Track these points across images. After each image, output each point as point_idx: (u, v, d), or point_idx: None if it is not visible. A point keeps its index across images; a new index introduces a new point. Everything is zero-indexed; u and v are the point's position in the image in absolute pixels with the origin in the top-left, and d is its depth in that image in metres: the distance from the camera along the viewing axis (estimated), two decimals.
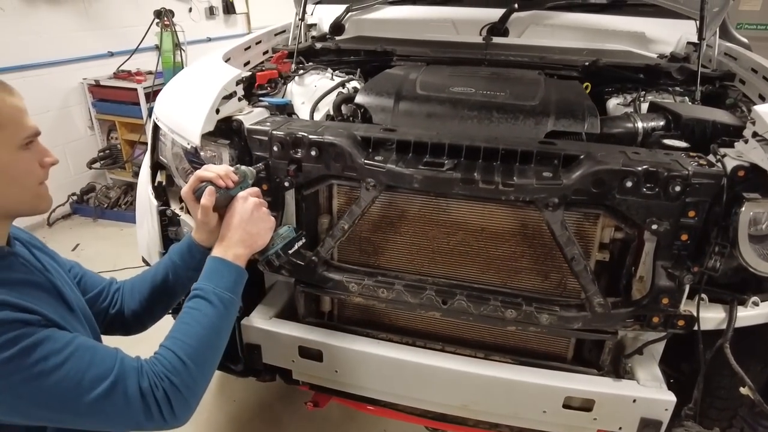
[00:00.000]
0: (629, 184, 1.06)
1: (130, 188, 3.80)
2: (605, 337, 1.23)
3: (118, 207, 3.69)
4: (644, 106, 1.52)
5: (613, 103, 1.60)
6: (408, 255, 1.33)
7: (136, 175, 3.73)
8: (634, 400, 1.19)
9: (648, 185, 1.06)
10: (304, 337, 1.31)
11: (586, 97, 1.49)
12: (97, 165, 3.81)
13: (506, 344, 1.38)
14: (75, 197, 3.75)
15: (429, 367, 1.23)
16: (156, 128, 1.42)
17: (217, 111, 1.24)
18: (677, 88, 1.58)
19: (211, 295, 0.93)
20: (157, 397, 0.81)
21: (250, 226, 1.03)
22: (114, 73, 3.70)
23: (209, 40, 4.59)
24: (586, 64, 1.74)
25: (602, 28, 1.98)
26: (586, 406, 1.22)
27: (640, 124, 1.33)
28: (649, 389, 1.21)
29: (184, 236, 1.41)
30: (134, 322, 1.15)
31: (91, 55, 3.70)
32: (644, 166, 1.05)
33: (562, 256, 1.21)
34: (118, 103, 3.65)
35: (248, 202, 1.04)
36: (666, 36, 1.99)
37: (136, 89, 3.50)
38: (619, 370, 1.30)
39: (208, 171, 1.05)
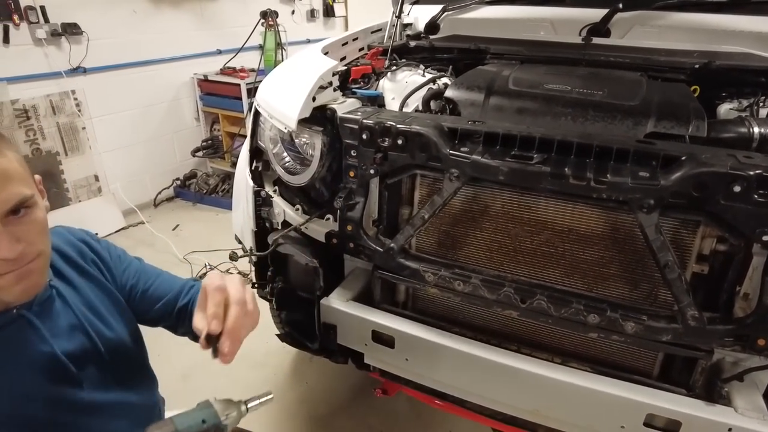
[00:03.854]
0: (737, 189, 0.97)
1: (228, 177, 4.08)
2: (698, 354, 1.13)
3: (215, 194, 3.98)
4: (762, 112, 1.39)
5: (725, 108, 1.47)
6: (487, 251, 1.31)
7: (234, 165, 4.00)
8: (730, 429, 1.08)
9: (761, 191, 0.96)
10: (377, 321, 1.34)
11: (692, 98, 1.39)
12: (200, 154, 4.14)
13: (586, 352, 1.31)
14: (178, 182, 4.10)
15: (503, 366, 1.20)
16: (257, 114, 1.52)
17: (314, 99, 1.30)
18: None
19: None
20: None
21: None
22: (221, 69, 4.00)
23: (308, 41, 4.80)
24: (696, 66, 1.62)
25: (719, 29, 1.83)
26: (670, 427, 1.13)
27: (756, 129, 1.21)
28: (749, 419, 1.09)
29: (274, 216, 1.51)
30: None
31: (202, 53, 4.03)
32: (757, 171, 0.96)
33: (654, 265, 1.14)
34: (222, 97, 3.94)
35: None
36: None
37: (239, 85, 3.75)
38: (713, 394, 1.19)
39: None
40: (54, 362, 0.88)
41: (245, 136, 4.25)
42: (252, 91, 3.77)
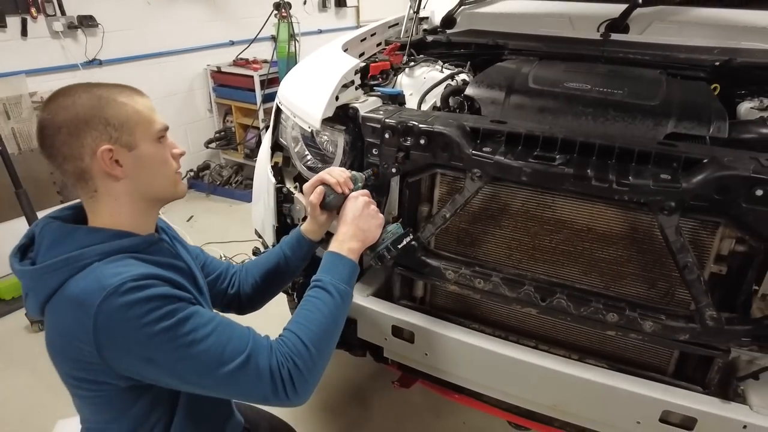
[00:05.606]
0: (759, 193, 0.98)
1: (241, 168, 4.11)
2: (715, 354, 1.15)
3: (229, 185, 4.01)
4: None
5: (746, 107, 1.47)
6: (506, 249, 1.33)
7: (247, 156, 4.04)
8: (745, 426, 1.10)
9: None
10: (397, 317, 1.36)
11: (713, 98, 1.39)
12: (213, 145, 4.17)
13: (603, 349, 1.34)
14: (192, 173, 4.13)
15: (523, 362, 1.23)
16: (278, 111, 1.54)
17: (337, 98, 1.32)
18: None
19: (330, 286, 1.02)
20: (282, 375, 0.89)
21: (361, 222, 1.14)
22: (233, 61, 4.01)
23: (320, 32, 4.81)
24: (717, 64, 1.62)
25: (741, 25, 1.81)
26: (686, 424, 1.15)
27: None
28: (764, 417, 1.11)
29: (296, 213, 1.54)
30: (247, 303, 1.28)
31: (215, 44, 4.04)
32: None
33: (671, 264, 1.16)
34: (235, 88, 3.95)
35: (359, 200, 1.16)
36: None
37: (252, 76, 3.77)
38: (728, 392, 1.21)
39: (329, 176, 1.18)
40: (192, 276, 1.04)
41: (258, 128, 4.27)
42: (265, 83, 3.79)
